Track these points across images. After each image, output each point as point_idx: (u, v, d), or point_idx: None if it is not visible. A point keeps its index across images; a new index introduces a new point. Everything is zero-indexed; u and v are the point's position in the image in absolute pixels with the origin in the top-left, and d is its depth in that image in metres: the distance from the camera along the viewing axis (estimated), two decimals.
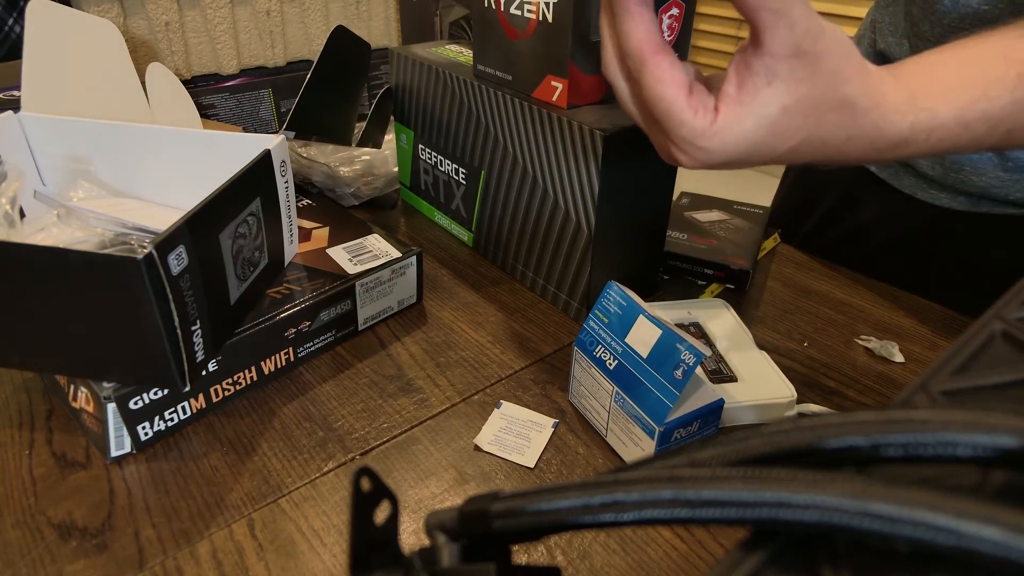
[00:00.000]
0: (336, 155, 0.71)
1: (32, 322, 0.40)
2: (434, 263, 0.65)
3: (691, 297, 0.61)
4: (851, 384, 0.51)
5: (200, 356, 0.43)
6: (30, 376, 0.49)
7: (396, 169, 0.75)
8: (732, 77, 0.33)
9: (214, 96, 0.87)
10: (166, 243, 0.38)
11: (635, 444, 0.42)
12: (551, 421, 0.47)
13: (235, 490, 0.42)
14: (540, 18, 0.50)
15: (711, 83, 0.35)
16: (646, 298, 0.61)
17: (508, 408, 0.48)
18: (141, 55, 0.83)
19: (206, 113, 0.87)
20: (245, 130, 0.57)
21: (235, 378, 0.47)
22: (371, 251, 0.57)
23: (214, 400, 0.47)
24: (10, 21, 0.78)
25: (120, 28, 0.62)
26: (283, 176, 0.52)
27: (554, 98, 0.52)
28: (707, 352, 0.39)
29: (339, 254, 0.57)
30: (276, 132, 0.66)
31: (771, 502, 0.14)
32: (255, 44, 0.93)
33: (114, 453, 0.43)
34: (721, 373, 0.49)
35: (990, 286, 0.29)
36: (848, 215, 0.71)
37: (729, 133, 0.32)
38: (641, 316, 0.42)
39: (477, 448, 0.45)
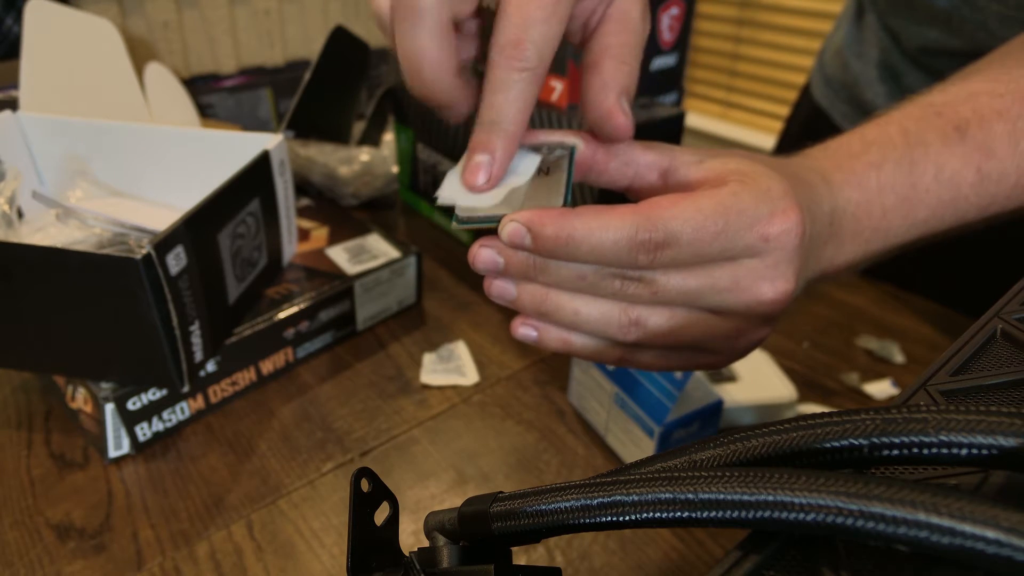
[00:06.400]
0: (335, 155, 0.71)
1: (30, 322, 0.40)
2: (433, 263, 0.65)
3: None
4: (851, 384, 0.51)
5: (199, 356, 0.43)
6: (28, 376, 0.49)
7: (395, 169, 0.75)
8: None
9: (213, 96, 0.87)
10: (164, 243, 0.38)
11: (635, 445, 0.42)
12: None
13: (234, 491, 0.42)
14: None
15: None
16: None
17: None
18: (139, 54, 0.83)
19: (205, 112, 0.87)
20: (244, 129, 0.57)
21: (234, 378, 0.47)
22: (370, 251, 0.57)
23: (213, 401, 0.47)
24: (8, 20, 0.78)
25: (118, 27, 0.62)
26: (282, 176, 0.52)
27: (554, 98, 0.52)
28: None
29: (338, 254, 0.57)
30: (275, 132, 0.66)
31: (771, 503, 0.14)
32: (254, 44, 0.93)
33: (112, 454, 0.43)
34: (721, 373, 0.49)
35: (990, 286, 0.29)
36: None
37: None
38: None
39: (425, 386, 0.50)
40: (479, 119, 0.27)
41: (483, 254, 0.28)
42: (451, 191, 0.28)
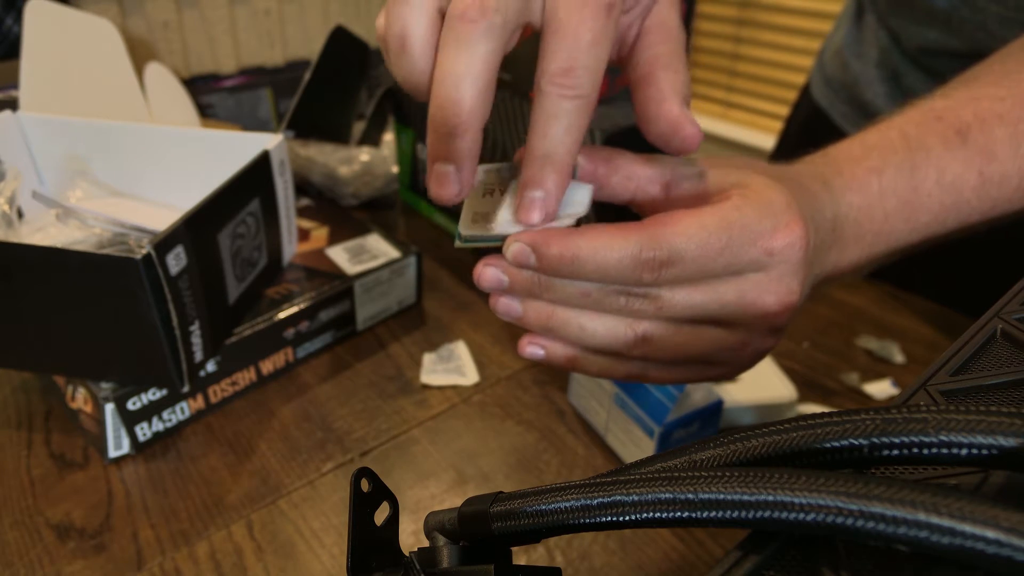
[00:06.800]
0: (335, 155, 0.71)
1: (30, 322, 0.40)
2: (433, 263, 0.65)
3: None
4: (851, 384, 0.51)
5: (199, 356, 0.43)
6: (28, 376, 0.49)
7: (395, 169, 0.75)
8: None
9: (213, 96, 0.87)
10: (164, 243, 0.38)
11: (635, 445, 0.42)
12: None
13: (234, 491, 0.42)
14: None
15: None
16: None
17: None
18: (140, 55, 0.83)
19: (205, 112, 0.87)
20: (244, 129, 0.57)
21: (234, 378, 0.47)
22: (370, 251, 0.57)
23: (213, 401, 0.47)
24: (8, 20, 0.78)
25: (118, 27, 0.62)
26: (282, 176, 0.52)
27: None
28: None
29: (338, 254, 0.57)
30: (275, 132, 0.66)
31: (771, 503, 0.14)
32: (254, 44, 0.93)
33: (112, 454, 0.43)
34: None
35: (990, 286, 0.29)
36: None
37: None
38: None
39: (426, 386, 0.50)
40: (530, 152, 0.26)
41: (488, 273, 0.28)
42: (505, 226, 0.27)
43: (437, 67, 0.24)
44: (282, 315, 0.49)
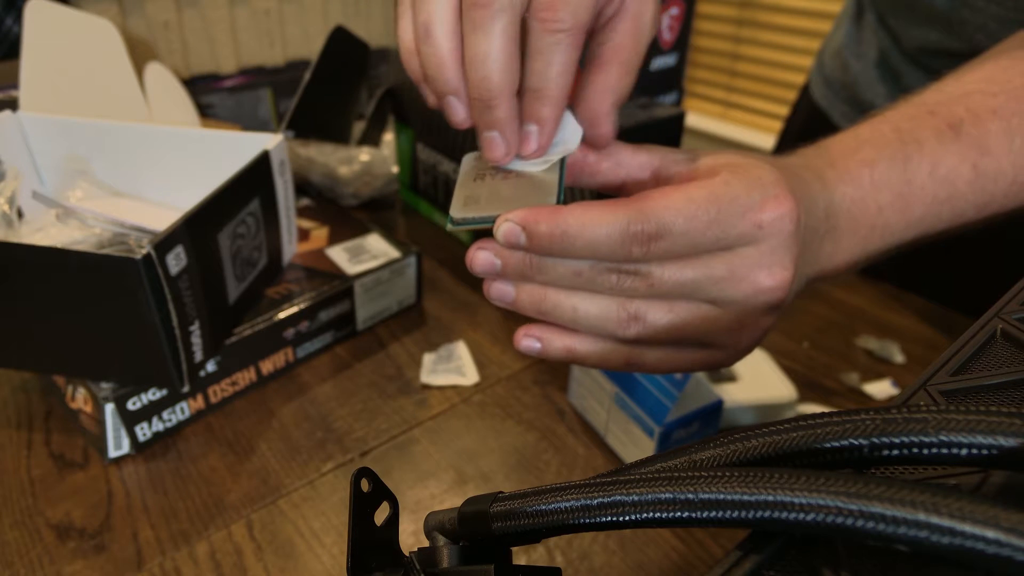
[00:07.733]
0: (335, 155, 0.71)
1: (30, 322, 0.40)
2: (434, 263, 0.65)
3: None
4: (851, 384, 0.51)
5: (199, 356, 0.43)
6: (28, 376, 0.49)
7: (395, 169, 0.75)
8: None
9: (213, 96, 0.87)
10: (164, 243, 0.38)
11: (635, 445, 0.42)
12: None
13: (234, 491, 0.42)
14: None
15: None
16: None
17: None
18: (140, 54, 0.83)
19: (205, 112, 0.87)
20: (244, 129, 0.57)
21: (234, 378, 0.47)
22: (370, 251, 0.57)
23: (213, 401, 0.47)
24: (8, 20, 0.78)
25: (118, 27, 0.62)
26: (282, 176, 0.52)
27: None
28: None
29: (338, 254, 0.57)
30: (275, 132, 0.66)
31: (771, 503, 0.14)
32: (254, 44, 0.93)
33: (112, 454, 0.43)
34: (721, 373, 0.49)
35: (990, 286, 0.29)
36: None
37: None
38: None
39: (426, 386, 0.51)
40: (524, 88, 0.27)
41: (480, 256, 0.28)
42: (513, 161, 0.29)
43: (465, 53, 0.27)
44: (282, 315, 0.49)
